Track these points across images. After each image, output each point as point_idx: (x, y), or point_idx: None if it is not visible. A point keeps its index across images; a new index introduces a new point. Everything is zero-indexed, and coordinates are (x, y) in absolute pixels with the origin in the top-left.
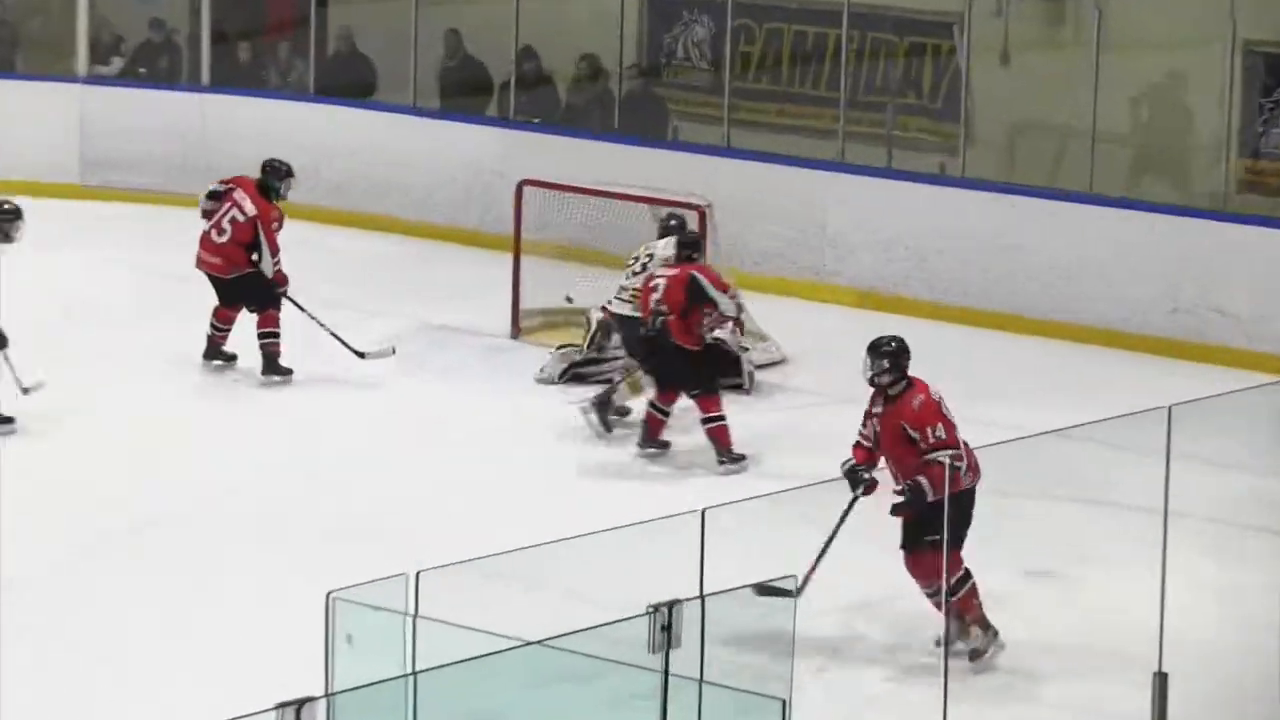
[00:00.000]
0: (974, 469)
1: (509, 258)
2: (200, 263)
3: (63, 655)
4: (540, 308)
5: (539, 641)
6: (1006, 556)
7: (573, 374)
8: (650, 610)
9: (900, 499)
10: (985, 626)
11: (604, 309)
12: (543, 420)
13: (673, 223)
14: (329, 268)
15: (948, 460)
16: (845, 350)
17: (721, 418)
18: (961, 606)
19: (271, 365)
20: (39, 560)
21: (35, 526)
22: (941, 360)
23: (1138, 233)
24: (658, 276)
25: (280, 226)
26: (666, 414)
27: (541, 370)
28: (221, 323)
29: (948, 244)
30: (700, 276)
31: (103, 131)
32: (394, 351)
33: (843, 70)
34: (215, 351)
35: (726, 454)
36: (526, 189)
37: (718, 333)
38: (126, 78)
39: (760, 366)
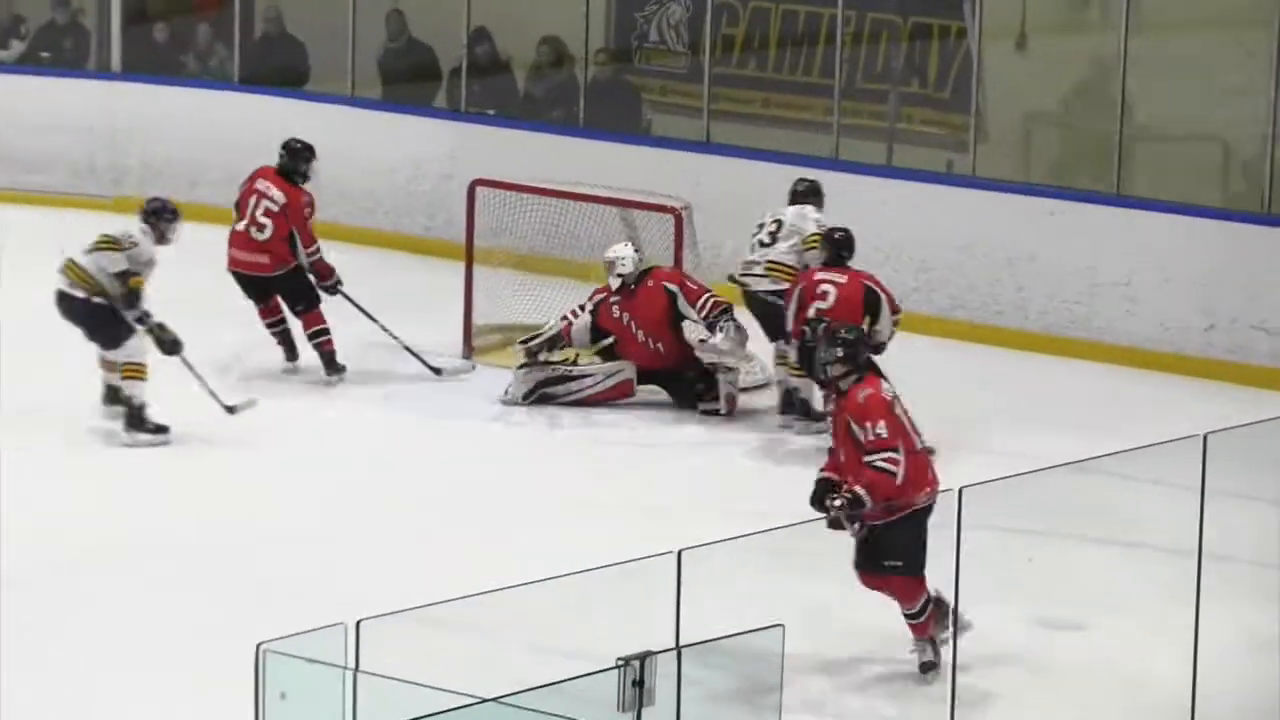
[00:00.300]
0: (922, 484)
1: (460, 267)
2: (236, 264)
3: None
4: (496, 324)
5: (495, 699)
6: (1020, 603)
7: (540, 394)
8: (620, 663)
9: (847, 496)
10: (933, 651)
11: (567, 317)
12: (502, 451)
13: (801, 188)
14: None
15: (881, 462)
16: None
17: None
18: (917, 632)
19: (332, 365)
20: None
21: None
22: (948, 383)
23: (1170, 239)
24: (822, 283)
25: (312, 213)
26: None
27: (506, 392)
28: (274, 318)
29: (955, 252)
30: (877, 289)
31: (1, 125)
32: (474, 368)
33: (838, 55)
34: (294, 349)
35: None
36: (480, 190)
37: (713, 341)
38: (27, 64)
39: (744, 389)
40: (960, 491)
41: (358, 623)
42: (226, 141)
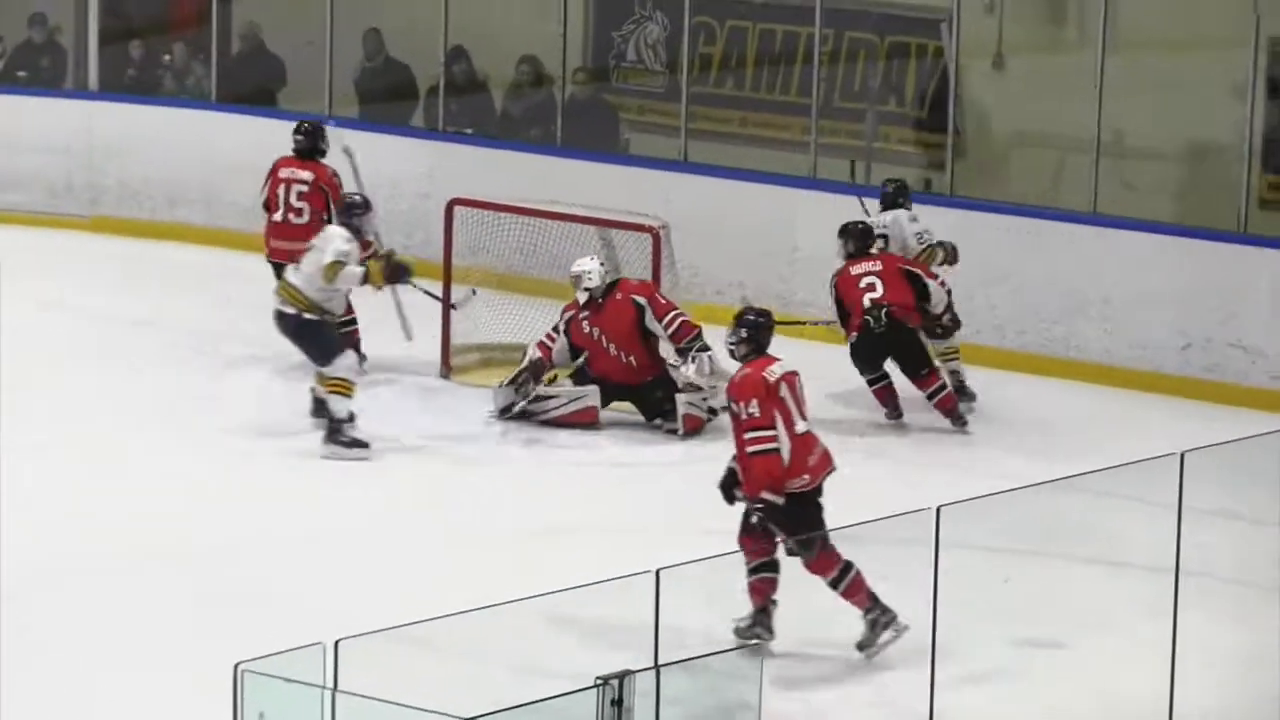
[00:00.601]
0: (799, 469)
1: (438, 286)
2: (277, 254)
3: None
4: (475, 343)
5: (473, 718)
6: (998, 622)
7: (518, 411)
8: (599, 682)
9: (758, 508)
10: (875, 619)
11: (541, 345)
12: (479, 471)
13: (890, 189)
14: (233, 299)
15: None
16: (818, 389)
17: (945, 386)
18: (847, 597)
19: (357, 354)
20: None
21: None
22: (922, 402)
23: (1146, 257)
24: (863, 276)
25: (340, 184)
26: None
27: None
28: None
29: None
30: (913, 268)
31: None
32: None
33: (815, 74)
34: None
35: (959, 418)
36: (457, 209)
37: (685, 370)
38: (4, 83)
39: (723, 409)
40: (938, 510)
41: (336, 642)
42: (204, 160)
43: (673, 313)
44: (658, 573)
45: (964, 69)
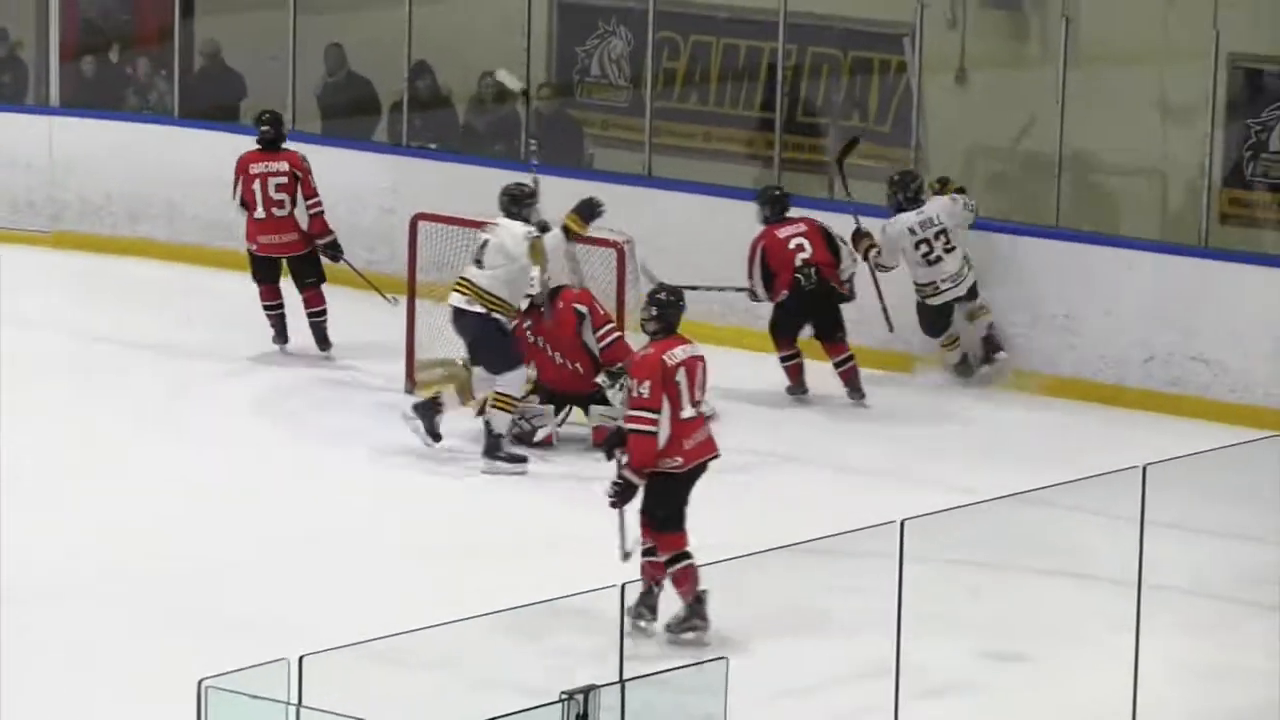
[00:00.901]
0: (674, 451)
1: (402, 301)
2: (265, 249)
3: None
4: (440, 358)
5: None
6: (962, 635)
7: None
8: (564, 697)
9: (615, 483)
10: (691, 613)
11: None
12: (443, 487)
13: (916, 184)
14: (200, 312)
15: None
16: (783, 406)
17: (852, 357)
18: (675, 584)
19: (324, 341)
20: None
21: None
22: (890, 415)
23: (1108, 272)
24: (791, 239)
25: (309, 168)
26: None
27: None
28: (275, 301)
29: (896, 284)
30: (829, 230)
31: None
32: (395, 302)
33: (779, 89)
34: (285, 333)
35: (858, 391)
36: (421, 224)
37: (611, 394)
38: None
39: None
40: (902, 524)
41: (300, 658)
42: (166, 176)
43: (608, 326)
44: (623, 587)
45: (927, 84)
